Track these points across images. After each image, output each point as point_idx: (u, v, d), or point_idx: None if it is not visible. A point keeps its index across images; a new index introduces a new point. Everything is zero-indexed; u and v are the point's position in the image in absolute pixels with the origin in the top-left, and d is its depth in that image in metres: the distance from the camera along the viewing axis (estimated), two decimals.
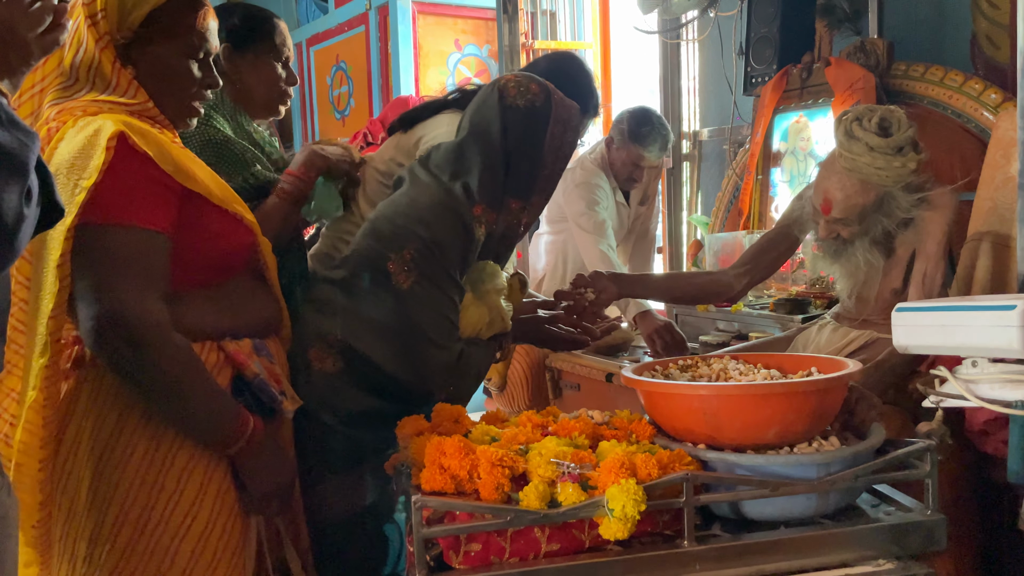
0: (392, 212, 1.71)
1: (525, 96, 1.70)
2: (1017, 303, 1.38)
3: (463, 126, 1.75)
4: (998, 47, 2.71)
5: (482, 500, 1.26)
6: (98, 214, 1.28)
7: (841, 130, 1.98)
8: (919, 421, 1.56)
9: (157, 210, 1.33)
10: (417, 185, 1.72)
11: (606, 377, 2.66)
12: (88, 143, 1.28)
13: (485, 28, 5.27)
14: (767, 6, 3.26)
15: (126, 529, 1.32)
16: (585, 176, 3.24)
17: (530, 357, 2.92)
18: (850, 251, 2.04)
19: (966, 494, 1.94)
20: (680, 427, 1.43)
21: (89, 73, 1.38)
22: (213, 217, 1.40)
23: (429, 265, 1.66)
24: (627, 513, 1.21)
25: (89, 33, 1.37)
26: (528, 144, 1.70)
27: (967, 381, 1.45)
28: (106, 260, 1.28)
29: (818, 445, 1.39)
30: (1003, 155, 2.12)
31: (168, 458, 1.35)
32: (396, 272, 1.65)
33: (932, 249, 1.98)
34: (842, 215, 1.99)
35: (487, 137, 1.69)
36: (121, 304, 1.27)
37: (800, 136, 3.28)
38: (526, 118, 1.70)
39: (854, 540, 1.33)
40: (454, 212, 1.68)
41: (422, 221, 1.67)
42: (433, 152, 1.75)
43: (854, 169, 1.94)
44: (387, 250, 1.66)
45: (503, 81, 1.73)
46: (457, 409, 1.54)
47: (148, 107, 1.41)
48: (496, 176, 1.69)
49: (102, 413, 1.34)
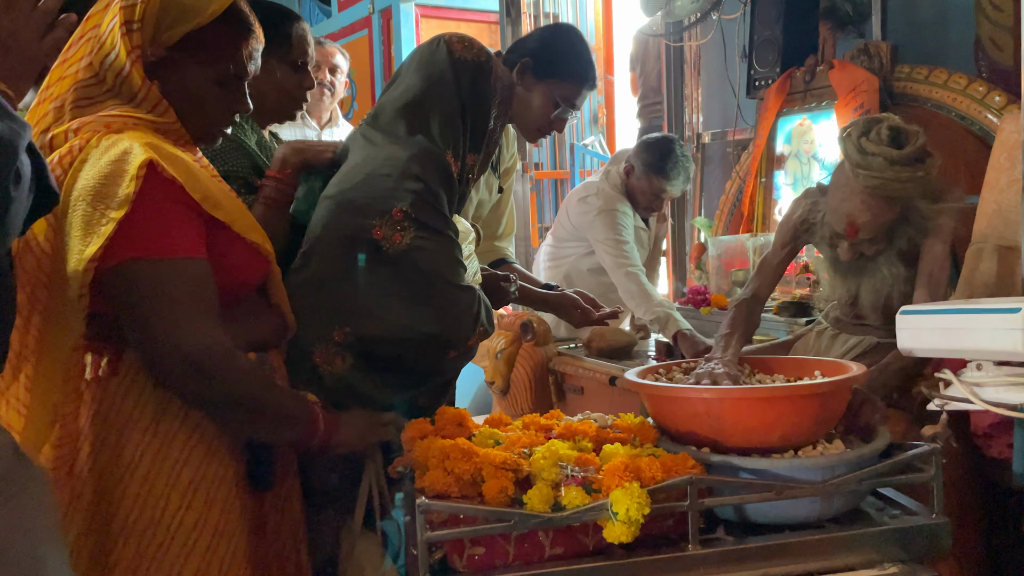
0: (360, 181, 1.63)
1: (471, 51, 1.71)
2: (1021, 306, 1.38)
3: (411, 84, 1.71)
4: (1002, 49, 2.71)
5: (486, 503, 1.26)
6: (139, 248, 1.24)
7: (852, 148, 1.87)
8: (923, 424, 1.55)
9: (193, 236, 1.30)
10: (377, 147, 1.67)
11: (610, 380, 2.66)
12: (115, 169, 1.24)
13: (488, 31, 5.28)
14: (770, 9, 3.26)
15: (131, 544, 1.29)
16: (607, 203, 3.17)
17: (533, 360, 2.92)
18: (873, 267, 1.99)
19: (971, 498, 1.93)
20: (684, 430, 1.43)
21: (117, 80, 1.33)
22: (233, 247, 1.37)
23: (426, 214, 1.61)
24: (631, 516, 1.21)
25: (123, 42, 1.32)
26: (478, 97, 1.70)
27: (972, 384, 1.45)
28: (159, 296, 1.25)
29: (822, 448, 1.39)
30: (1007, 158, 2.11)
31: (173, 474, 1.32)
32: (386, 237, 1.58)
33: (938, 250, 1.95)
34: (870, 235, 1.92)
35: (441, 88, 1.68)
36: (186, 340, 1.25)
37: (804, 139, 3.28)
38: (475, 71, 1.70)
39: (858, 544, 1.33)
40: (435, 157, 1.65)
41: (407, 174, 1.61)
42: (380, 114, 1.72)
43: (879, 187, 1.84)
44: (367, 219, 1.58)
45: (447, 36, 1.73)
46: (461, 412, 1.54)
47: (175, 127, 1.37)
48: (455, 125, 1.68)
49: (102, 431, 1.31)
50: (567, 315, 2.33)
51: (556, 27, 2.36)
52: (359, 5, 5.56)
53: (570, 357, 2.92)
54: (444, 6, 5.23)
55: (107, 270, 1.23)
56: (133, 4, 1.32)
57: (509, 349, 2.88)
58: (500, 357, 2.88)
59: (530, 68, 2.13)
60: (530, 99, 2.15)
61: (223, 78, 1.40)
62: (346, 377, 1.58)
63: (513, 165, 2.48)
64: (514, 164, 2.49)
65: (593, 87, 2.24)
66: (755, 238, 3.12)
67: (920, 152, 1.86)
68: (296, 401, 1.42)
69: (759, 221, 3.42)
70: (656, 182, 3.14)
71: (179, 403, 1.33)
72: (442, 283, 1.62)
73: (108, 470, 1.30)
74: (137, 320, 1.27)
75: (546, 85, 2.14)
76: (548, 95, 2.15)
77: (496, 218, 2.46)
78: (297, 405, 1.41)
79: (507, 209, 2.49)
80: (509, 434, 1.47)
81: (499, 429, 1.53)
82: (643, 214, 3.31)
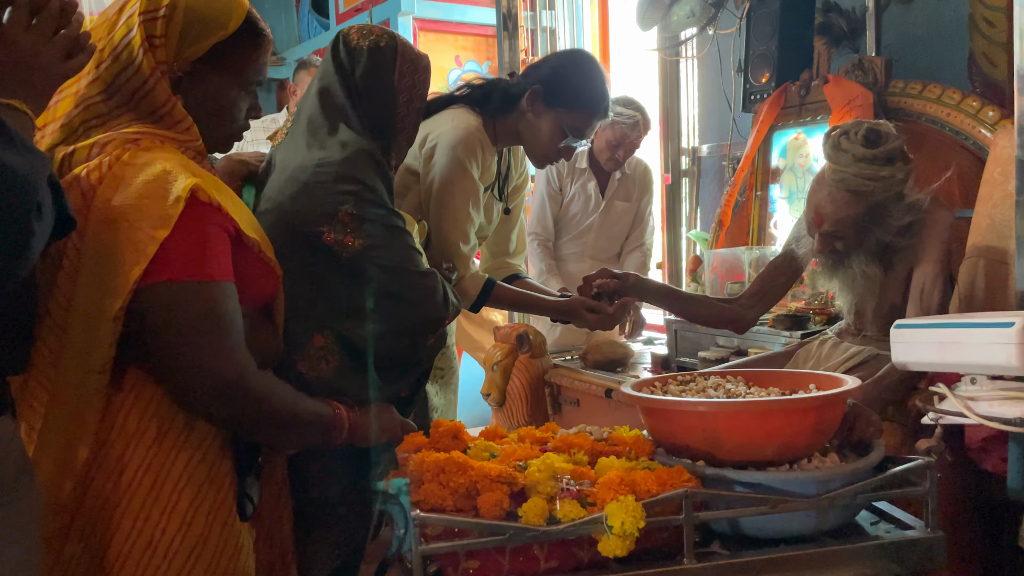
0: (298, 190, 1.62)
1: (368, 37, 1.72)
2: (1015, 320, 1.39)
3: (322, 81, 1.72)
4: (995, 65, 2.72)
5: (481, 516, 1.26)
6: (175, 270, 1.23)
7: (829, 144, 2.00)
8: (918, 438, 1.56)
9: (226, 260, 1.30)
10: (304, 152, 1.67)
11: (605, 393, 2.66)
12: (155, 189, 1.22)
13: (486, 44, 5.30)
14: (766, 24, 3.28)
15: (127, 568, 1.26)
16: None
17: (529, 373, 2.92)
18: (847, 264, 2.05)
19: (966, 511, 1.93)
20: (679, 443, 1.43)
21: (134, 95, 1.31)
22: (251, 265, 1.37)
23: (370, 211, 1.61)
24: (626, 530, 1.21)
25: (145, 58, 1.30)
26: (374, 79, 1.70)
27: (966, 398, 1.46)
28: (192, 320, 1.24)
29: (817, 462, 1.39)
30: (1001, 172, 2.13)
31: (173, 496, 1.28)
32: (338, 241, 1.58)
33: (929, 266, 1.98)
34: (833, 227, 2.00)
35: (345, 78, 1.70)
36: (220, 367, 1.25)
37: (799, 152, 3.30)
38: (371, 54, 1.71)
39: (853, 558, 1.33)
40: (364, 153, 1.65)
41: (343, 177, 1.61)
42: (300, 116, 1.73)
43: (842, 180, 1.95)
44: (314, 226, 1.58)
45: (345, 29, 1.75)
46: (456, 425, 1.54)
47: (196, 144, 1.36)
48: (368, 111, 1.69)
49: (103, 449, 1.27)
50: (581, 320, 2.24)
51: (571, 54, 2.28)
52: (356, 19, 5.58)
53: (566, 369, 2.92)
54: (441, 19, 5.24)
55: (140, 290, 1.21)
56: (155, 18, 1.31)
57: (505, 361, 2.88)
58: (496, 369, 2.88)
59: (540, 95, 2.11)
60: (539, 125, 2.14)
61: (246, 86, 1.41)
62: (333, 381, 1.59)
63: (523, 183, 2.44)
64: (524, 182, 2.44)
65: (605, 117, 2.22)
66: (751, 251, 3.12)
67: (891, 154, 1.95)
68: (320, 407, 1.45)
69: (755, 234, 3.43)
70: None
71: (182, 423, 1.30)
72: (406, 274, 1.64)
73: (106, 490, 1.26)
74: (168, 343, 1.24)
75: (555, 113, 2.12)
76: (557, 123, 2.13)
77: (505, 236, 2.41)
78: (322, 412, 1.44)
79: (516, 226, 2.43)
80: (504, 447, 1.47)
81: (494, 442, 1.53)
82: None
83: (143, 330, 1.24)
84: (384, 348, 1.62)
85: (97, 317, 1.21)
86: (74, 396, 1.23)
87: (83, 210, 1.23)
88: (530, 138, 2.17)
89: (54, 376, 1.24)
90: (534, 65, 2.25)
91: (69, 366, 1.23)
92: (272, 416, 1.34)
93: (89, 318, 1.22)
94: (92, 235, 1.22)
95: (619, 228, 3.57)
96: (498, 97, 2.15)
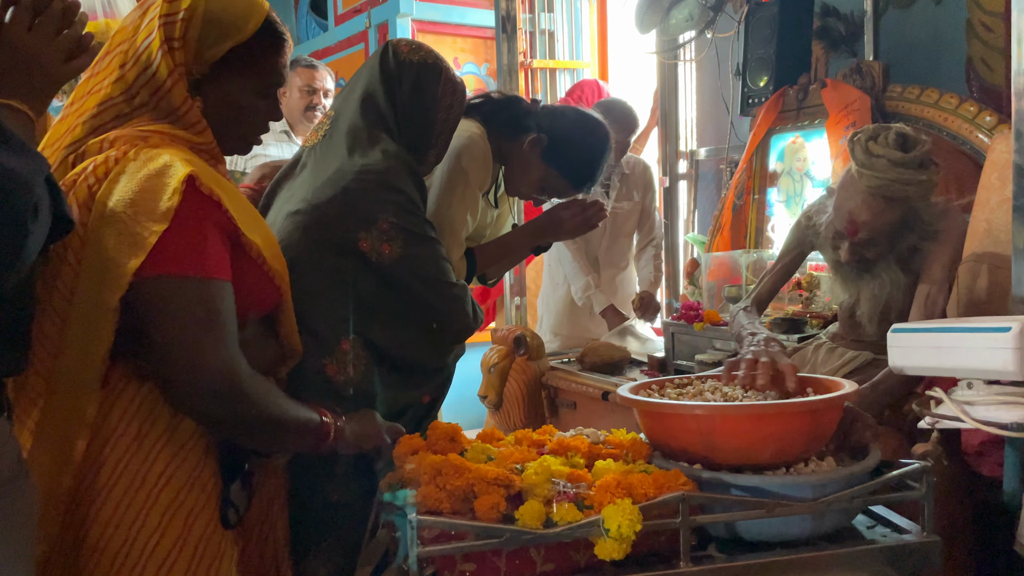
0: (336, 194, 1.64)
1: (418, 53, 1.76)
2: (1012, 325, 1.39)
3: (366, 89, 1.75)
4: (993, 70, 2.73)
5: (478, 519, 1.26)
6: (172, 264, 1.22)
7: (859, 150, 1.95)
8: (915, 442, 1.56)
9: (223, 257, 1.29)
10: (343, 159, 1.69)
11: (602, 396, 2.66)
12: (156, 183, 1.22)
13: (484, 47, 5.30)
14: (764, 28, 3.29)
15: (103, 563, 1.25)
16: None
17: (526, 375, 2.92)
18: (873, 272, 2.02)
19: (962, 516, 1.93)
20: (676, 447, 1.43)
21: (153, 96, 1.32)
22: (250, 272, 1.36)
23: (411, 222, 1.65)
24: (623, 533, 1.21)
25: (164, 60, 1.31)
26: (420, 96, 1.75)
27: (963, 403, 1.46)
28: (186, 315, 1.23)
29: (814, 466, 1.39)
30: (998, 177, 2.13)
31: (152, 495, 1.27)
32: (374, 248, 1.61)
33: (938, 273, 1.97)
34: (870, 235, 1.96)
35: (391, 88, 1.73)
36: (211, 364, 1.24)
37: (796, 156, 3.30)
38: (420, 71, 1.75)
39: (850, 562, 1.33)
40: (405, 163, 1.69)
41: (385, 185, 1.64)
42: (339, 122, 1.76)
43: (880, 187, 1.90)
44: (351, 231, 1.61)
45: (395, 41, 1.79)
46: (453, 427, 1.54)
47: (210, 147, 1.36)
48: (408, 124, 1.74)
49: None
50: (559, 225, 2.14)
51: (589, 123, 2.20)
52: (355, 20, 5.57)
53: (563, 372, 2.93)
54: (440, 21, 5.24)
55: (138, 282, 1.21)
56: (174, 21, 1.31)
57: (502, 363, 2.88)
58: (493, 371, 2.88)
59: (541, 144, 2.12)
60: (528, 167, 2.14)
61: (264, 89, 1.41)
62: (361, 383, 1.62)
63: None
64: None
65: (587, 194, 2.22)
66: (748, 254, 3.12)
67: (924, 158, 1.92)
68: (308, 414, 1.42)
69: (752, 238, 3.43)
70: None
71: (165, 423, 1.30)
72: (440, 284, 1.70)
73: (84, 485, 1.26)
74: (160, 338, 1.24)
75: (546, 168, 2.13)
76: (543, 177, 2.14)
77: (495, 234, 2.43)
78: (310, 418, 1.42)
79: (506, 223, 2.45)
80: (501, 449, 1.47)
81: (491, 444, 1.53)
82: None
83: (138, 323, 1.23)
84: (411, 355, 1.68)
85: (97, 308, 1.21)
86: (73, 388, 1.23)
87: (88, 203, 1.23)
88: (515, 172, 2.17)
89: (53, 368, 1.24)
90: (556, 110, 2.23)
91: (69, 358, 1.23)
92: (259, 418, 1.32)
93: (89, 310, 1.22)
94: (94, 228, 1.22)
95: (627, 228, 3.65)
96: (507, 119, 2.14)
